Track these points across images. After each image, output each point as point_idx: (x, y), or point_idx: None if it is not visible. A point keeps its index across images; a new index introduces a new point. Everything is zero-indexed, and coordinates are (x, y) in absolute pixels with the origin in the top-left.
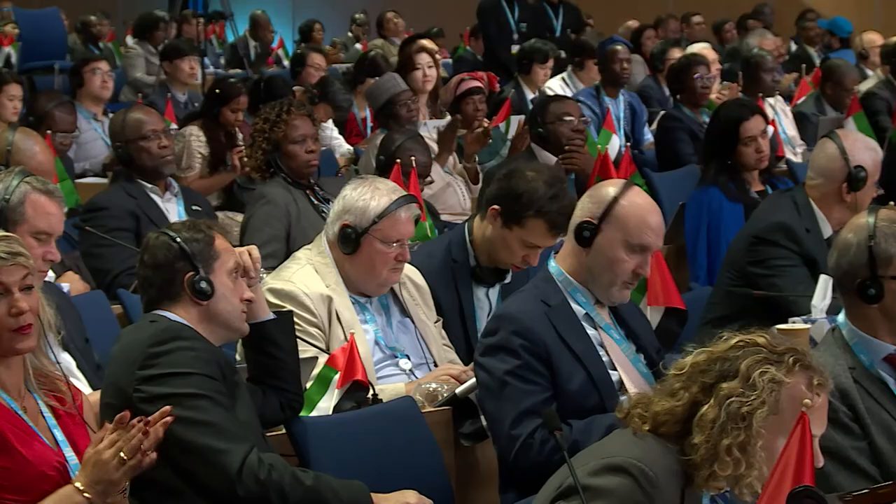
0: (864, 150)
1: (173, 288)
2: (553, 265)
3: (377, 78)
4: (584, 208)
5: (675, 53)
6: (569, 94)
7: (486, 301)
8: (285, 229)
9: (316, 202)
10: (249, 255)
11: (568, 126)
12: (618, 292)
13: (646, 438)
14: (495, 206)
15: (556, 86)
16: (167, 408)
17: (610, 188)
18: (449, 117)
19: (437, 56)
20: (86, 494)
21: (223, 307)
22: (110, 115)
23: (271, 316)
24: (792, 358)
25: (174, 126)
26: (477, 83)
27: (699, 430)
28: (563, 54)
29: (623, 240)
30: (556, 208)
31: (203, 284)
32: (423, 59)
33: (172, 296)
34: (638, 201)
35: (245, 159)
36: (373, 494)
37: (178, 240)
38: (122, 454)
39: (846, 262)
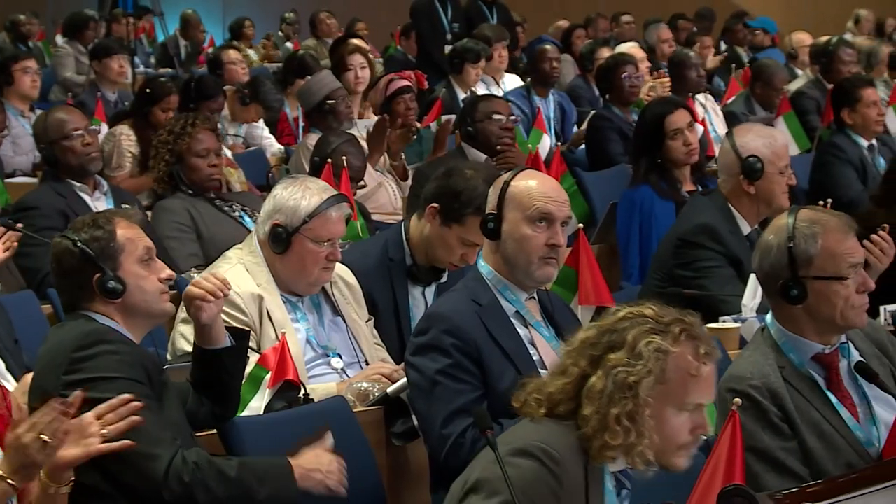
0: (757, 139)
1: (85, 291)
2: (482, 264)
3: (309, 77)
4: (488, 203)
5: (605, 53)
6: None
7: (421, 300)
8: (194, 231)
9: (220, 205)
10: (214, 277)
11: (497, 124)
12: (538, 270)
13: (542, 422)
14: (434, 205)
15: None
16: (78, 393)
17: (504, 176)
18: (378, 117)
19: (371, 56)
20: (9, 481)
21: (139, 298)
22: (37, 111)
23: (227, 344)
24: (678, 328)
25: (104, 125)
26: (406, 82)
27: (588, 401)
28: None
29: (522, 216)
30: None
31: (111, 284)
32: (356, 59)
33: (87, 298)
34: (530, 178)
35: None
36: (292, 461)
37: (79, 243)
38: (42, 436)
39: (768, 265)
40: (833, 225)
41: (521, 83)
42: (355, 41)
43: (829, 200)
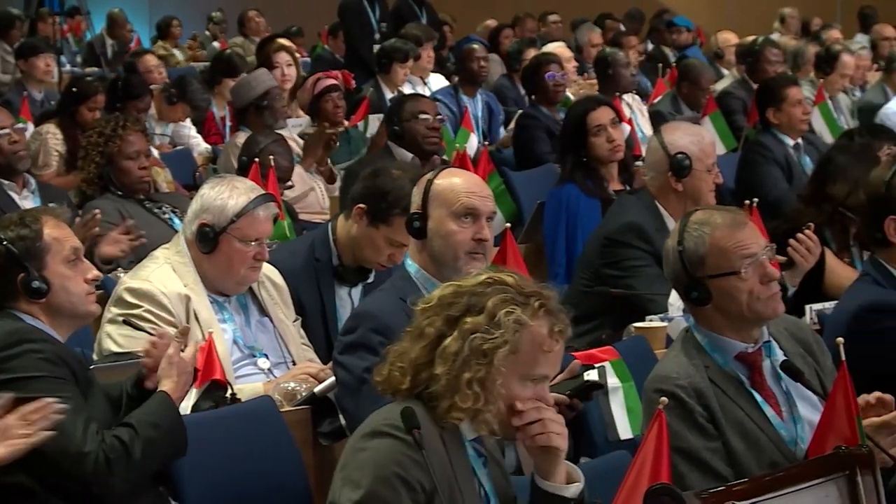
0: (685, 137)
1: (10, 290)
2: (409, 263)
3: (244, 74)
4: (412, 202)
5: (532, 53)
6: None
7: (348, 300)
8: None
9: (150, 207)
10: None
11: (424, 124)
12: (466, 265)
13: (395, 403)
14: (361, 206)
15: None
16: (9, 395)
17: (427, 175)
18: (306, 117)
19: (297, 55)
20: None
21: (64, 298)
22: None
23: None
24: (538, 302)
25: (30, 124)
26: (333, 81)
27: (441, 360)
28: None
29: (447, 212)
30: None
31: (36, 284)
32: (283, 58)
33: (12, 297)
34: (453, 176)
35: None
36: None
37: (5, 242)
38: None
39: (669, 270)
40: (720, 222)
41: (448, 83)
42: (281, 40)
43: (755, 200)
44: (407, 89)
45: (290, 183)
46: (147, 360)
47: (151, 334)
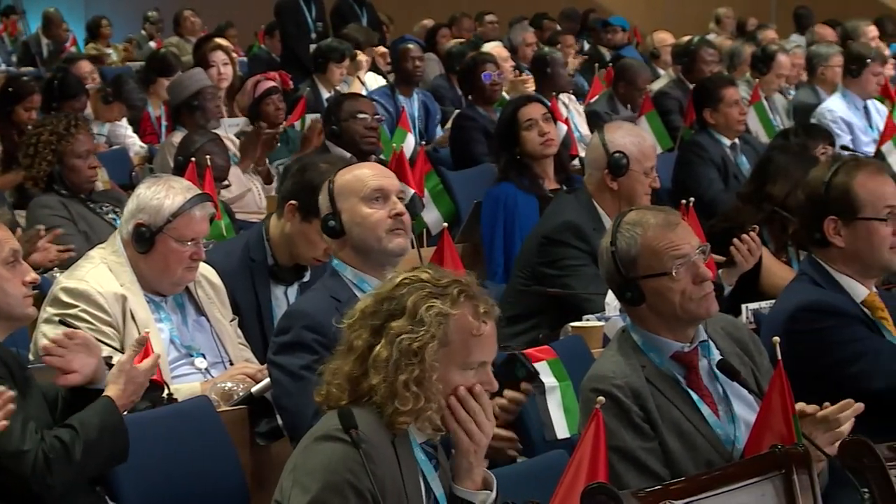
0: (626, 137)
1: None
2: (335, 262)
3: (180, 73)
4: (321, 208)
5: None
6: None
7: (284, 300)
8: (71, 223)
9: (93, 207)
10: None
11: (361, 124)
12: (390, 244)
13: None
14: (292, 202)
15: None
16: None
17: (326, 179)
18: (243, 117)
19: (234, 55)
20: None
21: (2, 300)
22: None
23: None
24: (456, 290)
25: None
26: (273, 83)
27: (375, 370)
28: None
29: (357, 199)
30: None
31: None
32: (219, 56)
33: None
34: (350, 170)
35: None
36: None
37: None
38: None
39: (604, 270)
40: (653, 222)
41: (384, 83)
42: (218, 39)
43: (692, 199)
44: (343, 89)
45: (226, 182)
46: (50, 358)
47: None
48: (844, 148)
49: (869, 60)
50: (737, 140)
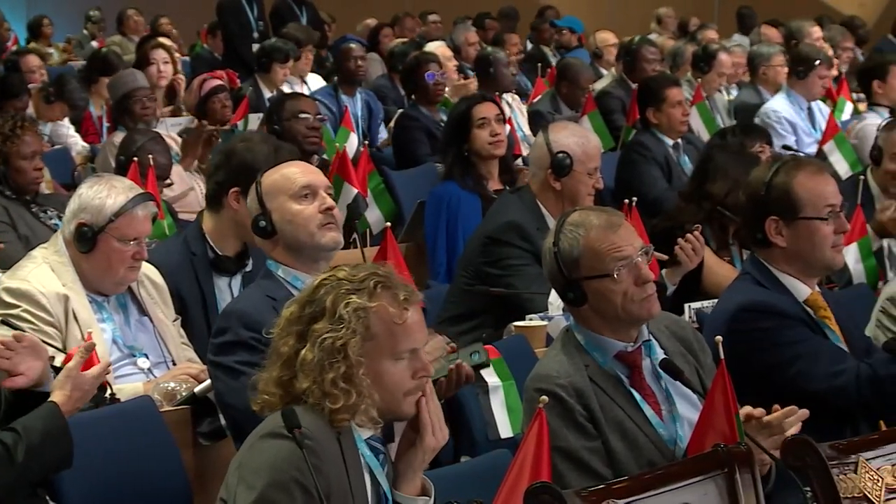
0: (570, 137)
1: None
2: (270, 262)
3: (117, 74)
4: (250, 212)
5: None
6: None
7: (227, 291)
8: (13, 232)
9: (36, 211)
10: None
11: (304, 123)
12: (323, 238)
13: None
14: (234, 188)
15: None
16: None
17: (253, 181)
18: (188, 116)
19: (176, 55)
20: None
21: None
22: None
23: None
24: (373, 282)
25: None
26: (219, 82)
27: (304, 374)
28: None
29: (287, 197)
30: (286, 158)
31: None
32: (159, 55)
33: None
34: (275, 170)
35: None
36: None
37: None
38: None
39: (546, 270)
40: (595, 223)
41: (326, 83)
42: (160, 38)
43: (635, 199)
44: (286, 89)
45: (169, 181)
46: None
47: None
48: (786, 148)
49: (817, 63)
50: (679, 140)
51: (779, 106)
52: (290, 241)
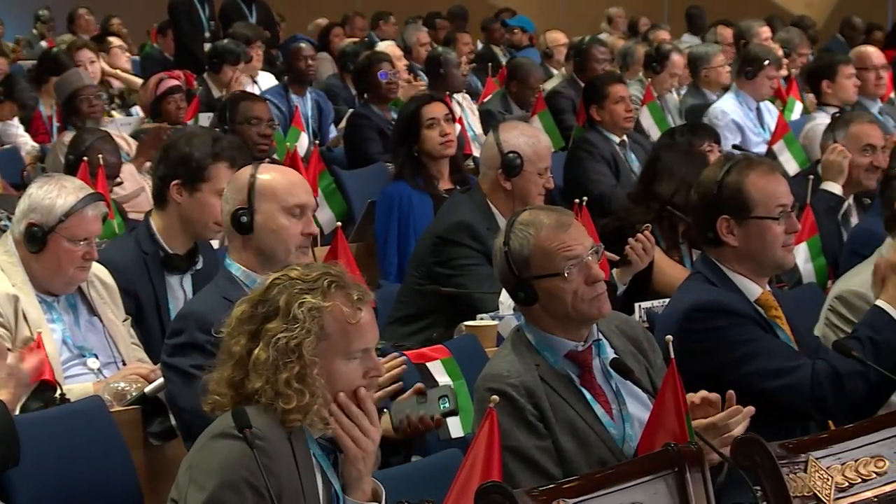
0: (520, 137)
1: None
2: (229, 262)
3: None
4: (230, 199)
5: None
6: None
7: (179, 289)
8: None
9: None
10: None
11: (255, 129)
12: (297, 260)
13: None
14: (175, 182)
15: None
16: None
17: (244, 172)
18: (140, 115)
19: (127, 55)
20: None
21: None
22: None
23: None
24: (326, 281)
25: None
26: (176, 82)
27: (256, 374)
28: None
29: (279, 207)
30: (225, 146)
31: None
32: (84, 55)
33: None
34: (275, 171)
35: None
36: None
37: None
38: None
39: (497, 270)
40: (546, 223)
41: (277, 82)
42: (110, 38)
43: (585, 199)
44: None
45: (119, 179)
46: None
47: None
48: (736, 147)
49: (766, 63)
50: (625, 137)
51: (727, 107)
52: (264, 249)
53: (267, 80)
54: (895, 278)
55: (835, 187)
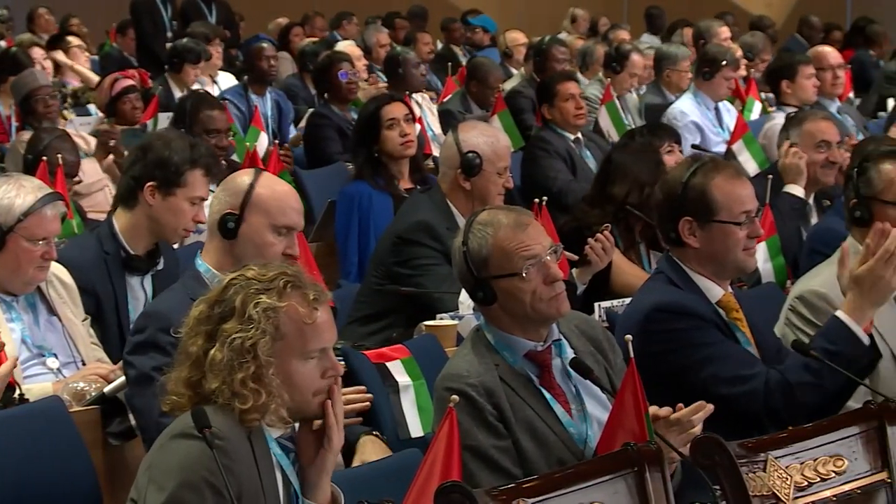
0: (480, 137)
1: None
2: (200, 262)
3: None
4: (222, 201)
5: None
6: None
7: (140, 290)
8: None
9: None
10: None
11: (214, 140)
12: None
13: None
14: (150, 183)
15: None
16: None
17: (244, 177)
18: (99, 115)
19: (87, 55)
20: None
21: None
22: None
23: None
24: (282, 281)
25: None
26: (131, 82)
27: (213, 374)
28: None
29: (269, 223)
30: (203, 153)
31: None
32: (36, 53)
33: None
34: (275, 185)
35: None
36: None
37: None
38: None
39: (456, 270)
40: (504, 222)
41: (237, 81)
42: (69, 38)
43: (545, 198)
44: (197, 87)
45: (77, 178)
46: None
47: None
48: (696, 147)
49: (723, 64)
50: (580, 135)
51: (685, 108)
52: (243, 258)
53: (227, 81)
54: (857, 290)
55: (797, 189)
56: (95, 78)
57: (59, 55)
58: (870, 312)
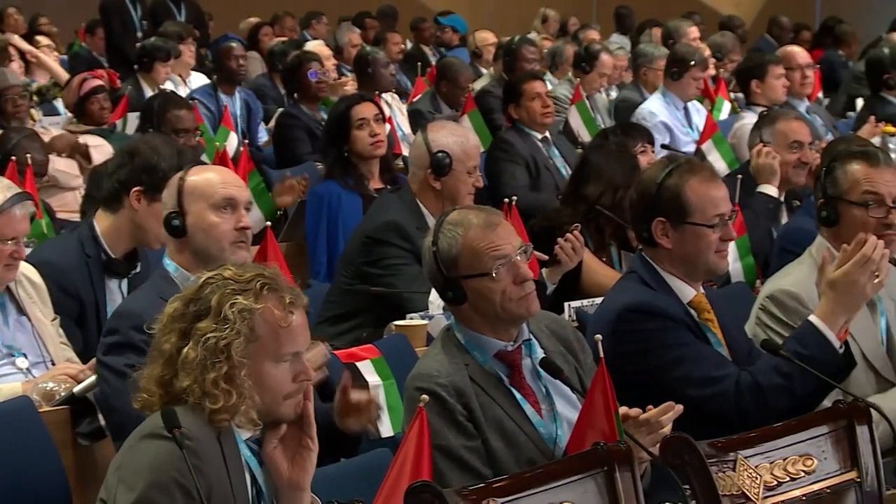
0: (449, 136)
1: None
2: (167, 262)
3: None
4: (165, 205)
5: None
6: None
7: (118, 293)
8: None
9: None
10: None
11: (182, 139)
12: (232, 255)
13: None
14: (136, 188)
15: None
16: None
17: (174, 177)
18: (68, 115)
19: (56, 54)
20: None
21: None
22: None
23: None
24: (259, 283)
25: None
26: (99, 82)
27: (185, 372)
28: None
29: (206, 205)
30: (188, 159)
31: None
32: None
33: None
34: (203, 171)
35: None
36: None
37: None
38: None
39: (426, 269)
40: (474, 222)
41: (208, 81)
42: (39, 37)
43: (515, 198)
44: (168, 86)
45: (46, 178)
46: None
47: None
48: (665, 147)
49: (692, 64)
50: (548, 134)
51: (654, 108)
52: (198, 249)
53: (198, 80)
54: (832, 294)
55: (771, 189)
56: (66, 75)
57: (30, 47)
58: (843, 318)
